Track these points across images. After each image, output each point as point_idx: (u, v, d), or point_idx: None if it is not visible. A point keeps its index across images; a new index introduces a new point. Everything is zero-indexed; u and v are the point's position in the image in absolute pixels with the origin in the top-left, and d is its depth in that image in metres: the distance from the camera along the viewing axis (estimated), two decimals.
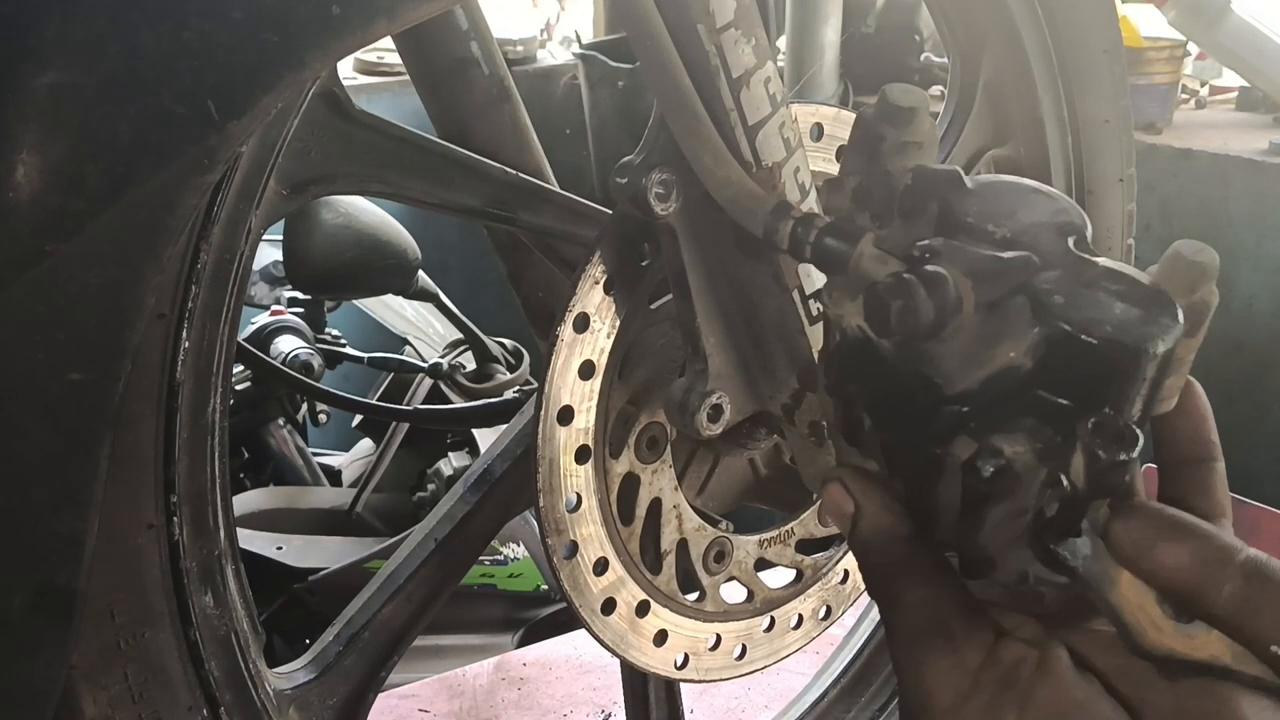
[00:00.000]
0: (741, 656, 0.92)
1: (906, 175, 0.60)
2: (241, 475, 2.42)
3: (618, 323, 0.77)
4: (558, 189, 0.87)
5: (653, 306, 0.79)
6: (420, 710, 1.49)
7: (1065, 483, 0.52)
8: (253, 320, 2.32)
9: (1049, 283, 0.53)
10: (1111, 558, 0.51)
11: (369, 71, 3.32)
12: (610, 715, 1.47)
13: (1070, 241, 0.56)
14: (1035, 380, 0.53)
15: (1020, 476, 0.53)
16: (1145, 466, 0.56)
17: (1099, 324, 0.51)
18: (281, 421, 2.44)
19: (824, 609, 0.96)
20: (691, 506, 0.83)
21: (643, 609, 0.83)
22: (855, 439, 0.61)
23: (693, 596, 0.87)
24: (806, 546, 0.93)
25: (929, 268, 0.54)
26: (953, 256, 0.55)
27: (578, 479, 0.77)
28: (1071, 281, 0.54)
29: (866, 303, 0.56)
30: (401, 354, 2.43)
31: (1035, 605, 0.57)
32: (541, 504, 0.76)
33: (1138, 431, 0.51)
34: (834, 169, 0.87)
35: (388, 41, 0.93)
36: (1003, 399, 0.53)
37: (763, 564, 0.90)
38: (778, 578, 0.93)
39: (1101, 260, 0.55)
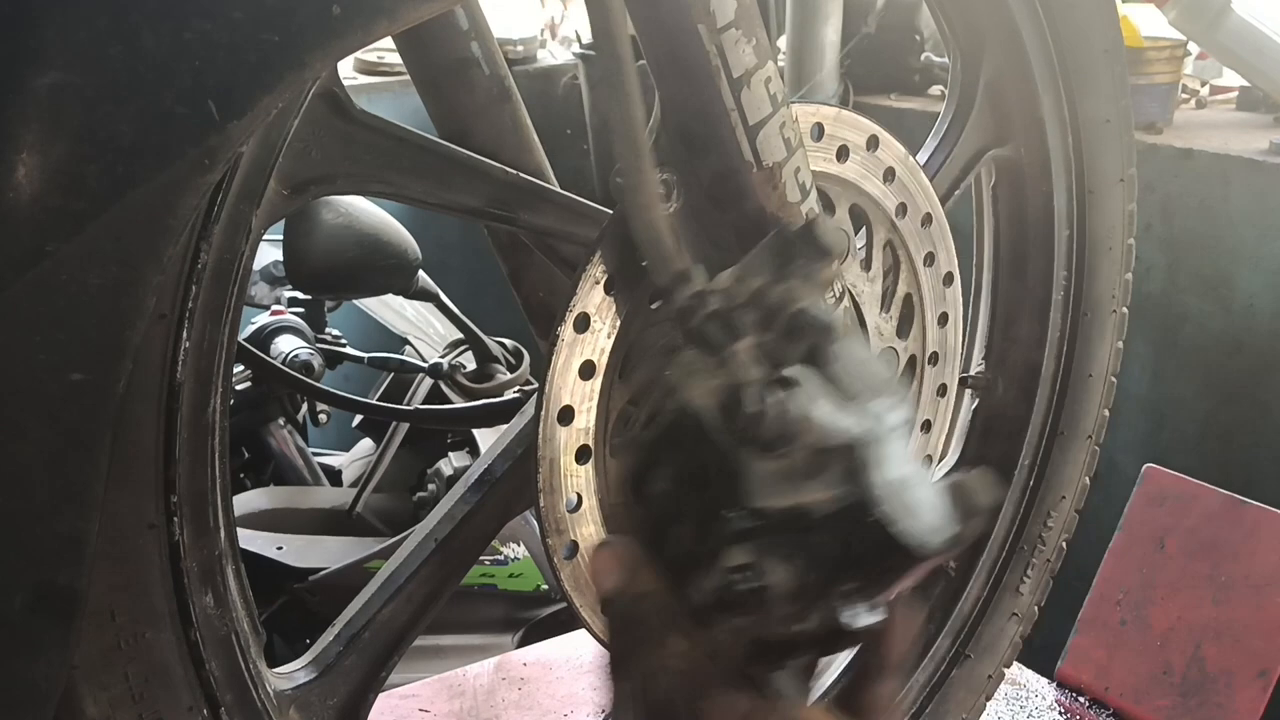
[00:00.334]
0: None
1: (800, 301, 0.67)
2: (242, 475, 2.42)
3: (618, 323, 0.77)
4: (558, 189, 0.87)
5: (653, 306, 0.79)
6: (421, 710, 1.49)
7: (801, 626, 0.60)
8: (253, 320, 2.32)
9: (871, 457, 0.60)
10: (801, 700, 0.60)
11: (369, 71, 3.31)
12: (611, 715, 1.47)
13: (899, 430, 0.63)
14: (822, 529, 0.59)
15: (770, 602, 0.59)
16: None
17: (899, 516, 0.59)
18: (282, 421, 2.44)
19: None
20: None
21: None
22: (639, 499, 0.67)
23: None
24: None
25: (790, 394, 0.60)
26: (812, 394, 0.61)
27: (578, 479, 0.77)
28: (888, 464, 0.61)
29: (726, 395, 0.61)
30: (402, 354, 2.43)
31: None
32: (542, 504, 0.76)
33: (881, 612, 0.59)
34: (834, 169, 0.88)
35: (388, 41, 0.93)
36: (787, 531, 0.60)
37: None
38: None
39: (911, 466, 0.62)
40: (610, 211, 0.79)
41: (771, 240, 0.71)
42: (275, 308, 2.38)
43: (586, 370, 0.76)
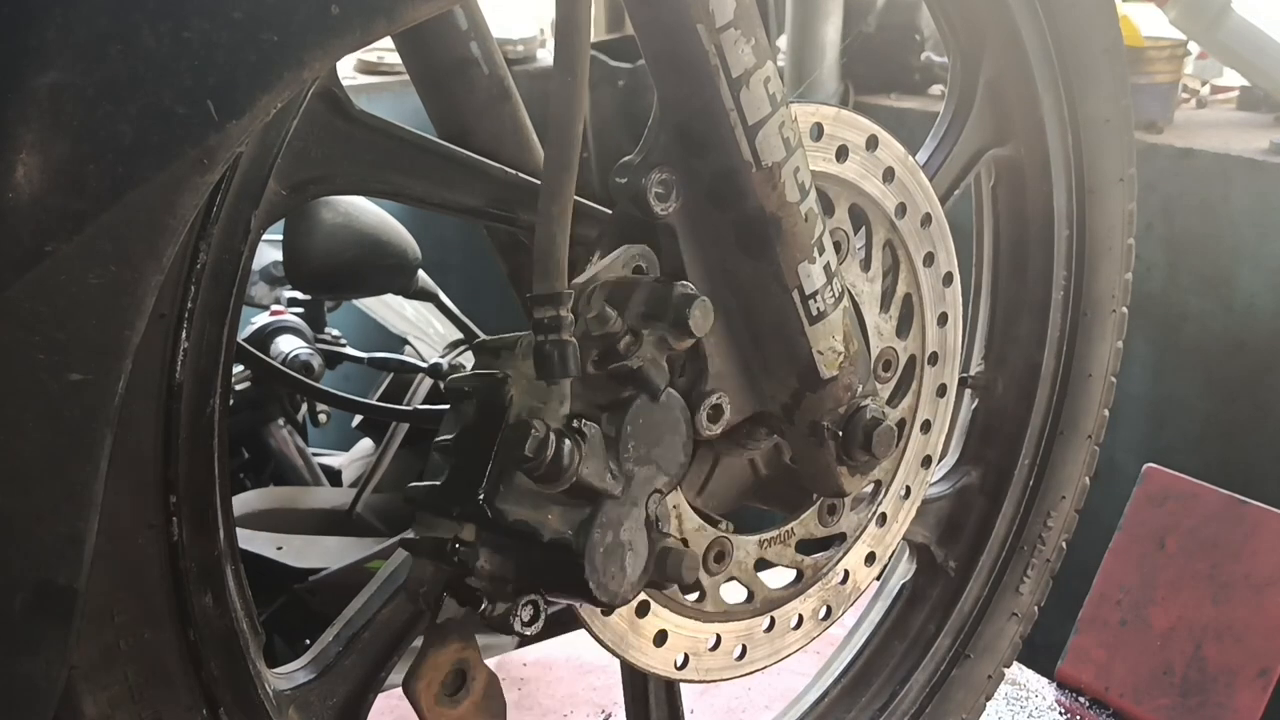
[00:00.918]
0: (742, 657, 0.92)
1: (643, 361, 0.72)
2: (241, 475, 2.42)
3: None
4: None
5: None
6: None
7: (484, 605, 0.71)
8: (253, 320, 2.32)
9: (606, 517, 0.71)
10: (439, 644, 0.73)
11: (369, 71, 3.31)
12: (610, 715, 1.47)
13: (654, 499, 0.74)
14: (535, 547, 0.70)
15: (469, 573, 0.70)
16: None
17: (601, 570, 0.71)
18: (281, 421, 2.44)
19: (824, 609, 0.96)
20: (691, 506, 0.83)
21: (643, 609, 0.83)
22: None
23: (693, 597, 0.87)
24: (806, 546, 0.93)
25: (568, 447, 0.68)
26: (592, 450, 0.70)
27: None
28: (618, 526, 0.71)
29: (513, 426, 0.69)
30: (401, 354, 2.43)
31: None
32: None
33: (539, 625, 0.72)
34: (834, 169, 0.88)
35: (388, 41, 0.93)
36: (513, 536, 0.70)
37: (763, 564, 0.90)
38: (778, 578, 0.93)
39: (635, 535, 0.73)
40: (610, 211, 0.79)
41: (652, 288, 0.73)
42: (275, 308, 2.38)
43: None
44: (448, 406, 0.74)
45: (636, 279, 0.75)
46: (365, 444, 2.55)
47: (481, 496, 0.69)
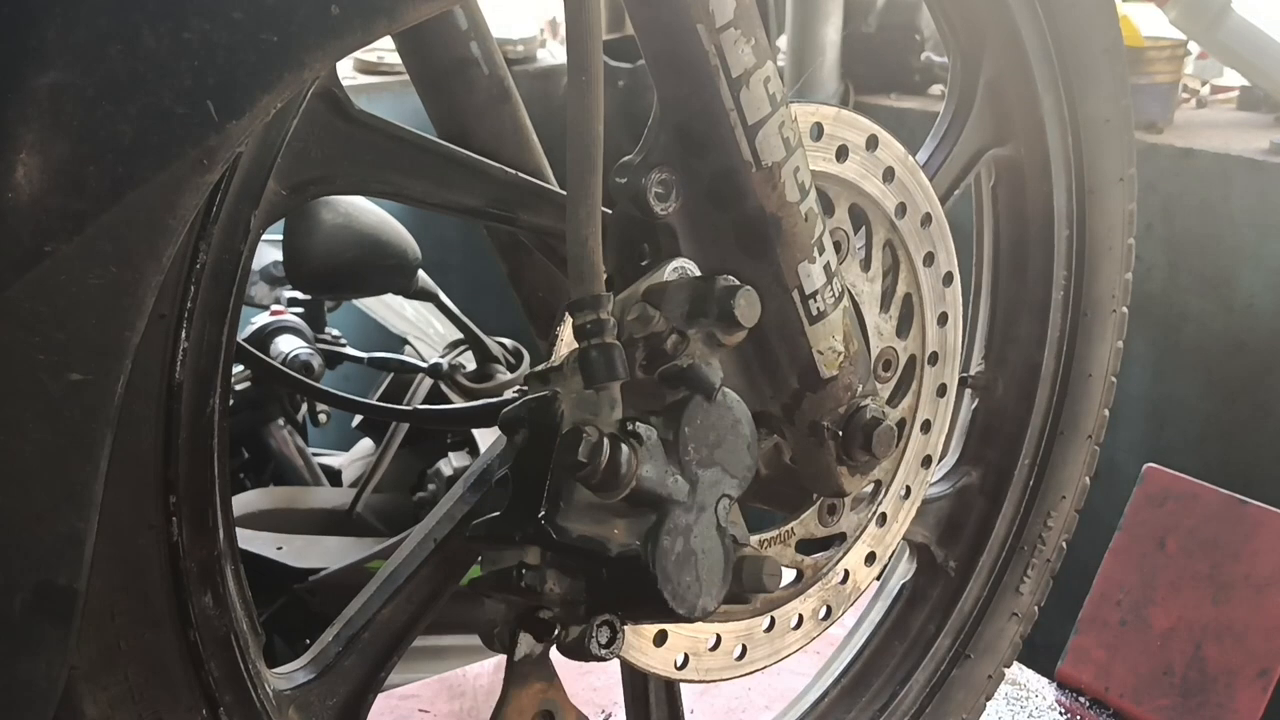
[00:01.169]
0: (742, 657, 0.92)
1: (690, 358, 0.71)
2: (241, 475, 2.42)
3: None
4: (558, 189, 0.87)
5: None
6: (420, 710, 1.49)
7: (558, 632, 0.68)
8: (253, 320, 2.32)
9: (674, 524, 0.68)
10: (520, 685, 0.70)
11: (369, 71, 3.31)
12: (610, 715, 1.47)
13: (723, 504, 0.71)
14: (603, 566, 0.67)
15: (538, 607, 0.68)
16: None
17: (677, 582, 0.67)
18: (281, 421, 2.44)
19: (824, 609, 0.96)
20: None
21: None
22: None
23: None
24: (806, 546, 0.93)
25: (624, 451, 0.66)
26: (650, 453, 0.67)
27: None
28: (688, 533, 0.68)
29: (567, 435, 0.66)
30: (401, 354, 2.43)
31: None
32: None
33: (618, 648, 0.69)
34: (834, 169, 0.87)
35: (388, 41, 0.93)
36: (579, 554, 0.67)
37: None
38: None
39: (735, 531, 0.71)
40: (610, 211, 0.79)
41: (693, 284, 0.72)
42: (275, 308, 2.38)
43: None
44: (458, 411, 0.73)
45: (675, 279, 0.73)
46: (365, 444, 2.55)
47: (542, 515, 0.66)
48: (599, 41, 0.67)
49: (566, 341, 0.75)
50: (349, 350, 2.38)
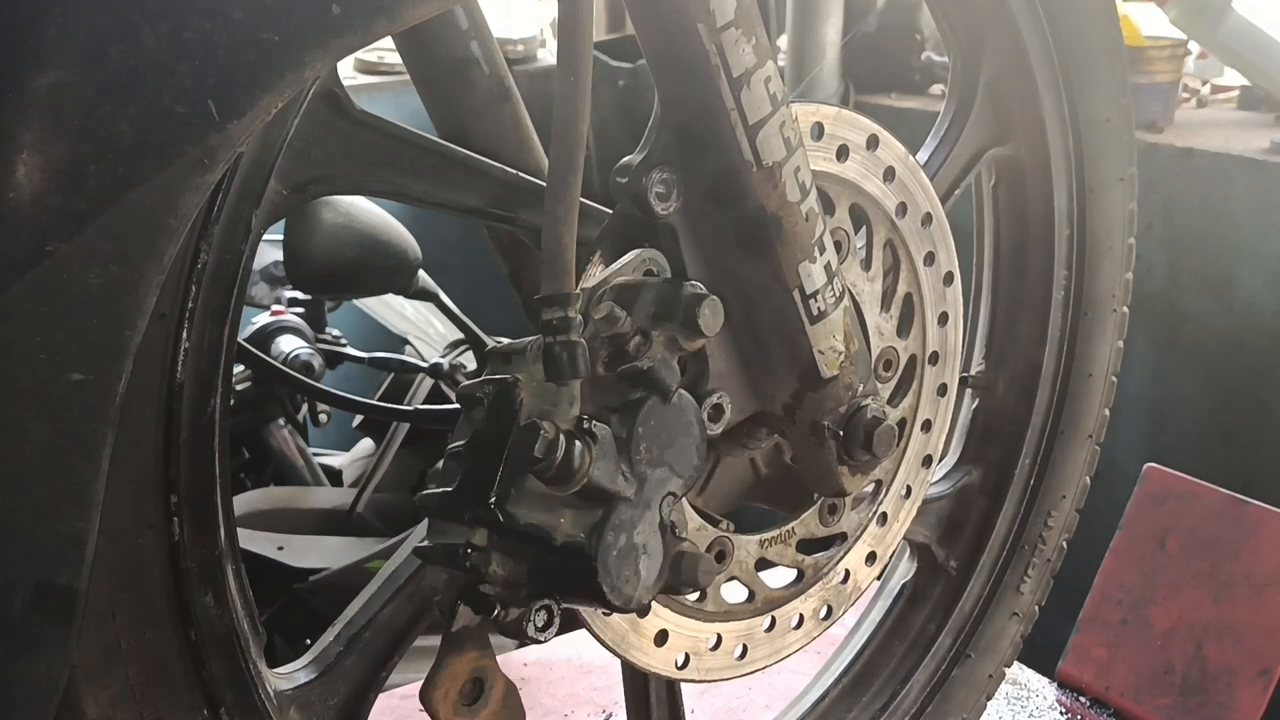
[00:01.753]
0: (743, 656, 0.92)
1: (653, 360, 0.72)
2: (242, 475, 2.42)
3: None
4: None
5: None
6: (421, 710, 1.48)
7: (498, 611, 0.70)
8: (253, 320, 2.32)
9: (619, 519, 0.70)
10: (456, 652, 0.71)
11: (369, 71, 3.31)
12: (611, 715, 1.47)
13: (667, 501, 0.73)
14: (548, 551, 0.69)
15: (480, 582, 0.70)
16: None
17: (615, 574, 0.70)
18: (282, 421, 2.44)
19: (825, 609, 0.96)
20: (692, 506, 0.83)
21: (643, 609, 0.83)
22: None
23: (694, 596, 0.87)
24: (807, 546, 0.93)
25: (578, 448, 0.68)
26: (603, 452, 0.69)
27: None
28: (630, 528, 0.71)
29: (523, 430, 0.68)
30: (402, 354, 2.43)
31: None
32: None
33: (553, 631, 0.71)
34: (834, 168, 0.87)
35: (388, 41, 0.93)
36: (524, 539, 0.69)
37: (763, 564, 0.90)
38: (779, 577, 0.93)
39: (649, 538, 0.72)
40: (610, 211, 0.79)
41: (661, 288, 0.73)
42: (275, 308, 2.38)
43: None
44: (458, 411, 0.74)
45: (645, 280, 0.75)
46: (366, 444, 2.55)
47: (493, 500, 0.68)
48: (589, 42, 0.68)
49: None
50: (349, 350, 2.38)
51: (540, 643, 0.71)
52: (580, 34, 0.67)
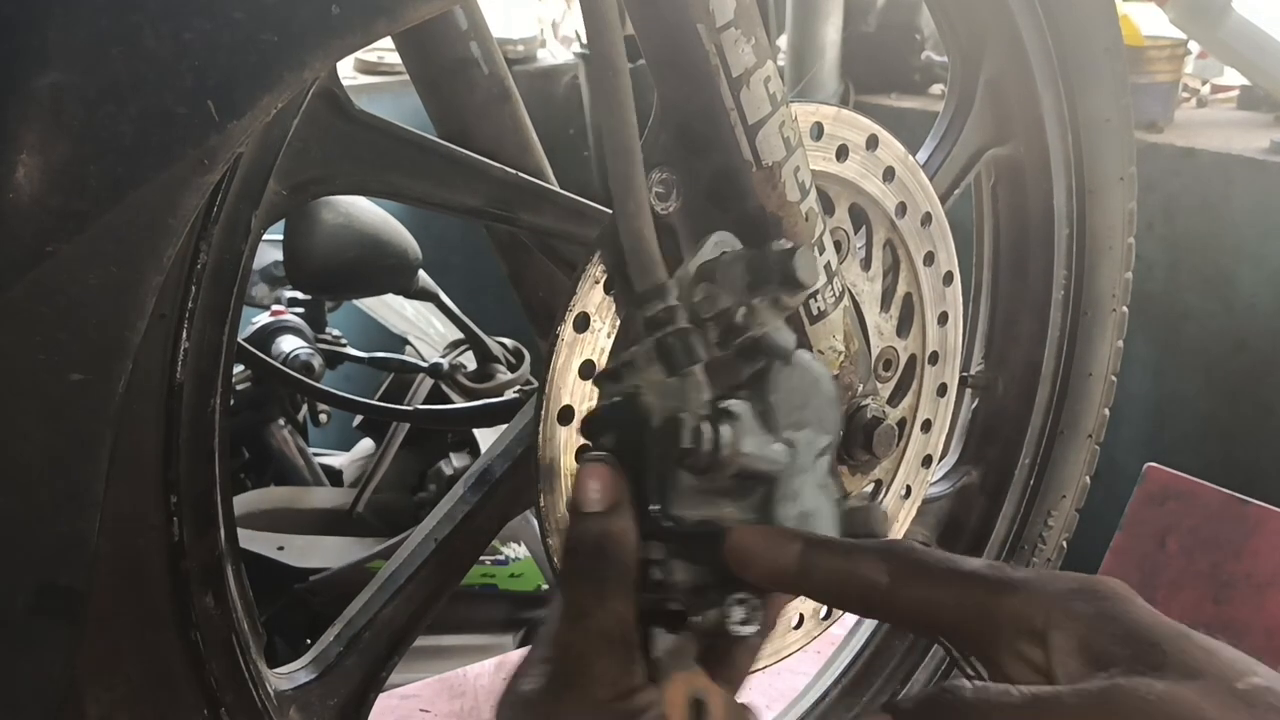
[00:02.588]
0: None
1: (764, 327, 0.70)
2: (242, 475, 2.42)
3: (618, 322, 0.77)
4: (558, 188, 0.87)
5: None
6: (421, 710, 1.49)
7: (698, 619, 0.67)
8: (253, 320, 2.32)
9: (782, 492, 0.68)
10: (665, 679, 0.65)
11: (369, 71, 3.32)
12: None
13: (821, 462, 0.70)
14: (725, 543, 0.66)
15: (671, 592, 0.67)
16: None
17: None
18: (282, 421, 2.44)
19: (825, 609, 0.96)
20: None
21: None
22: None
23: None
24: None
25: (723, 429, 0.65)
26: (747, 429, 0.66)
27: None
28: (797, 497, 0.68)
29: (665, 424, 0.66)
30: (402, 354, 2.43)
31: None
32: (542, 504, 0.76)
33: (759, 625, 0.67)
34: (834, 168, 0.87)
35: (388, 41, 0.93)
36: (699, 538, 0.66)
37: None
38: None
39: (818, 500, 0.70)
40: (610, 211, 0.79)
41: (747, 256, 0.72)
42: (275, 308, 2.38)
43: (586, 370, 0.76)
44: (459, 411, 0.73)
45: (728, 254, 0.73)
46: (366, 444, 2.55)
47: (656, 509, 0.66)
48: (619, 33, 0.67)
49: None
50: (349, 350, 2.38)
51: (747, 636, 0.67)
52: (608, 28, 0.67)
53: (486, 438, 2.25)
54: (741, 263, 0.71)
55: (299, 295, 2.38)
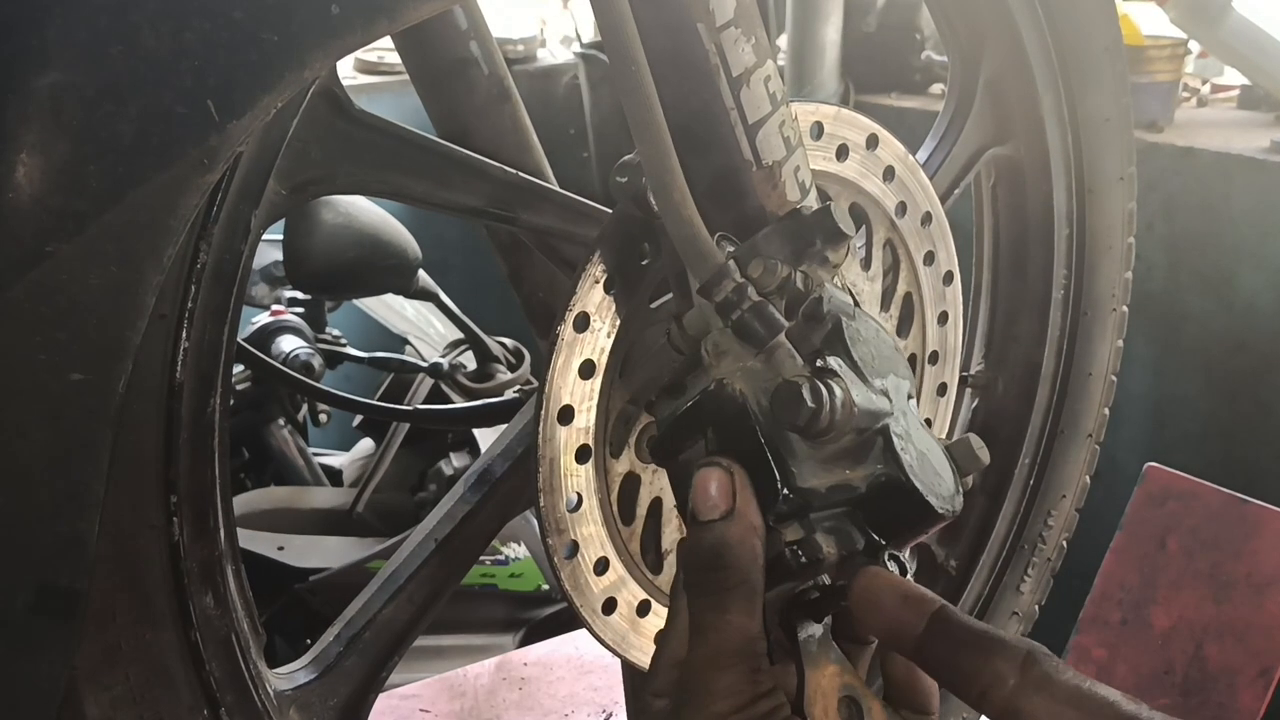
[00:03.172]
0: None
1: (821, 287, 0.70)
2: (242, 475, 2.43)
3: (618, 322, 0.77)
4: (558, 188, 0.87)
5: (653, 306, 0.79)
6: (421, 710, 1.49)
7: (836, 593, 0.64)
8: (253, 320, 2.32)
9: (897, 436, 0.66)
10: (814, 669, 0.63)
11: (369, 71, 3.32)
12: (611, 715, 1.47)
13: (911, 404, 0.69)
14: (861, 502, 0.65)
15: (821, 569, 0.65)
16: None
17: (928, 488, 0.65)
18: (282, 421, 2.44)
19: None
20: None
21: (644, 609, 0.83)
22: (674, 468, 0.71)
23: None
24: None
25: (834, 387, 0.64)
26: (847, 376, 0.65)
27: (578, 478, 0.77)
28: (908, 439, 0.67)
29: (779, 393, 0.64)
30: (402, 354, 2.43)
31: None
32: (542, 504, 0.76)
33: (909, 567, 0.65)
34: (834, 167, 0.87)
35: (388, 41, 0.93)
36: (833, 505, 0.65)
37: None
38: None
39: (926, 437, 0.69)
40: (610, 211, 0.79)
41: (786, 225, 0.72)
42: (275, 308, 2.38)
43: (586, 369, 0.76)
44: (459, 411, 0.72)
45: (764, 231, 0.73)
46: (366, 444, 2.56)
47: (785, 490, 0.64)
48: (633, 26, 0.67)
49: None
50: (349, 350, 2.38)
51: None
52: (622, 23, 0.67)
53: (486, 437, 2.25)
54: (780, 233, 0.71)
55: (299, 295, 2.38)
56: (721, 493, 0.63)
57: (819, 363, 0.66)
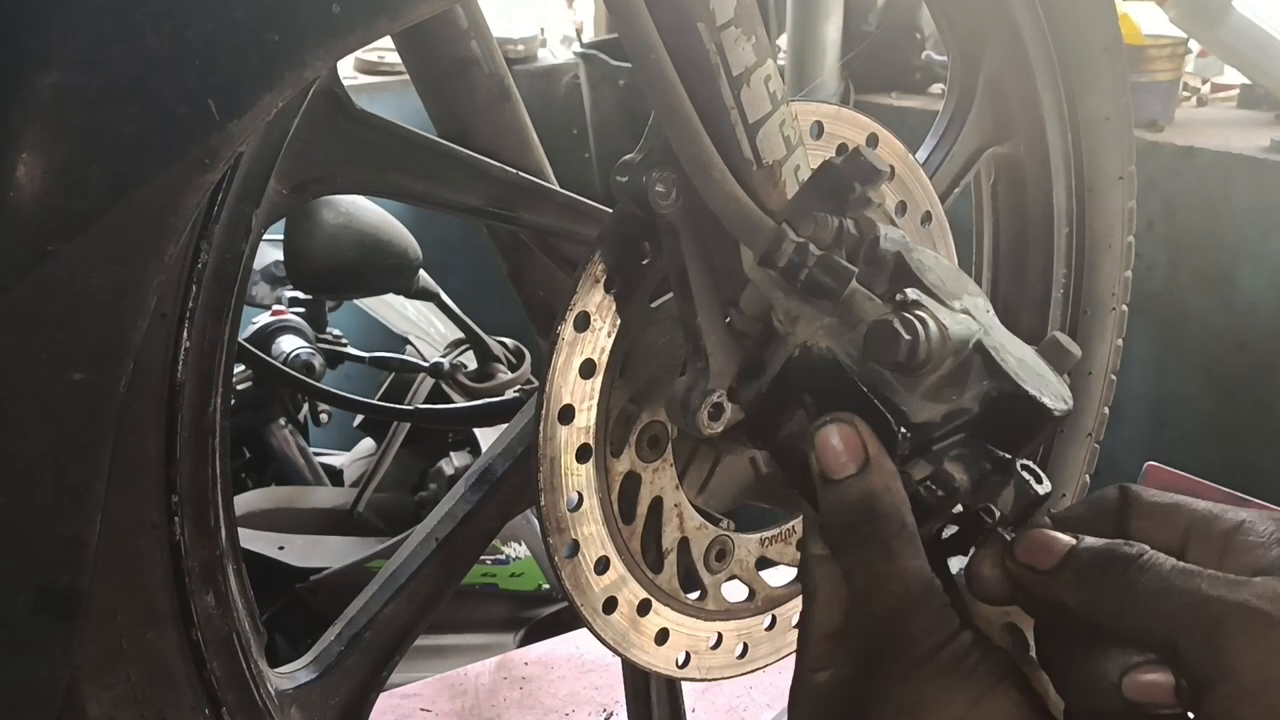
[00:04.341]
0: (743, 655, 0.92)
1: (875, 229, 0.69)
2: (243, 475, 2.43)
3: (619, 321, 0.77)
4: (558, 188, 0.87)
5: (654, 305, 0.79)
6: (422, 710, 1.49)
7: (994, 511, 0.64)
8: (254, 320, 2.32)
9: (994, 348, 0.65)
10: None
11: (369, 71, 3.32)
12: (612, 714, 1.47)
13: (993, 316, 0.68)
14: (977, 423, 0.64)
15: (957, 498, 0.64)
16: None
17: (1039, 391, 0.64)
18: (283, 421, 2.44)
19: None
20: (693, 505, 0.83)
21: (644, 608, 0.83)
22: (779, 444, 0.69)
23: (694, 595, 0.87)
24: None
25: (926, 316, 0.63)
26: (931, 309, 0.64)
27: (579, 478, 0.77)
28: (1003, 350, 0.65)
29: (872, 335, 0.63)
30: (403, 354, 2.43)
31: None
32: (543, 503, 0.76)
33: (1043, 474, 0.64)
34: None
35: (388, 41, 0.93)
36: (952, 431, 0.64)
37: (764, 562, 0.90)
38: (779, 576, 0.93)
39: (1018, 344, 0.68)
40: (610, 210, 0.79)
41: (819, 180, 0.72)
42: (276, 307, 2.38)
43: (587, 369, 0.76)
44: (459, 411, 0.72)
45: (799, 190, 0.73)
46: (367, 444, 2.56)
47: (902, 430, 0.63)
48: (646, 15, 0.67)
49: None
50: (350, 350, 2.38)
51: (1046, 495, 0.63)
52: (635, 16, 0.67)
53: (487, 437, 2.25)
54: (816, 190, 0.71)
55: (299, 295, 2.38)
56: (850, 447, 0.61)
57: (898, 297, 0.65)
